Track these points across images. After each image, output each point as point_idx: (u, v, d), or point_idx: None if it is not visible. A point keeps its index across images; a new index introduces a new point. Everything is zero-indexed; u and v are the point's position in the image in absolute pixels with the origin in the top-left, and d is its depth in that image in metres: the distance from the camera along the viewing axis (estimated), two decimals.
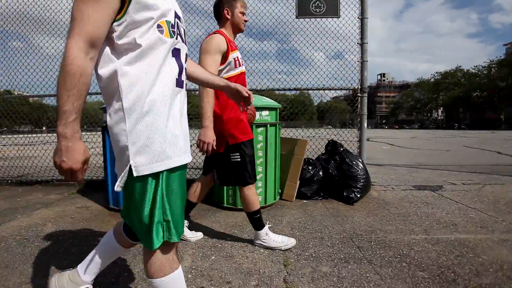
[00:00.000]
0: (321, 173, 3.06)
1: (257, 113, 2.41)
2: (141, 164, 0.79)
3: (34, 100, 4.59)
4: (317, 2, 3.38)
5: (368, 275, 1.52)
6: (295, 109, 4.16)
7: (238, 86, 1.21)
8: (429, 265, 1.61)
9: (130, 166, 0.78)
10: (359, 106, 3.43)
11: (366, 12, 3.37)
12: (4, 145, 4.91)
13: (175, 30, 0.87)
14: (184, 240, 1.97)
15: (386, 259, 1.69)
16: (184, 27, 0.97)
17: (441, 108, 71.93)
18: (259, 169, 2.61)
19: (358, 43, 3.39)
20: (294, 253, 1.78)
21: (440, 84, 62.40)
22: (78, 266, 1.17)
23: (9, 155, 5.68)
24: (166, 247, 0.86)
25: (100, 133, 2.91)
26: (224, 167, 1.83)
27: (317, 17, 3.43)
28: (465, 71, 58.50)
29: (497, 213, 2.49)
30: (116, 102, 0.79)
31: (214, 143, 1.62)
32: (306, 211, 2.61)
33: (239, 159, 1.75)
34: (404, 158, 6.72)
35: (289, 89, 3.57)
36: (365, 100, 3.42)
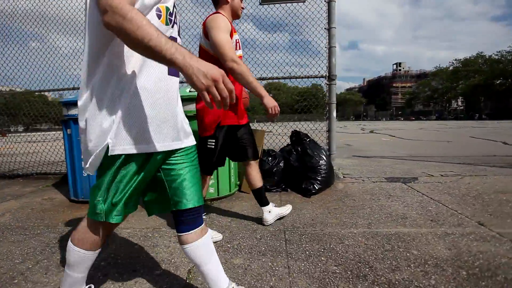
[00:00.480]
0: (281, 164, 2.98)
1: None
2: (118, 144, 0.82)
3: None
4: None
5: (277, 268, 1.46)
6: (309, 101, 3.95)
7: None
8: (349, 260, 1.52)
9: (108, 144, 0.82)
10: (327, 94, 3.29)
11: None
12: None
13: (172, 19, 0.87)
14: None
15: (307, 253, 1.62)
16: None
17: (461, 98, 68.68)
18: None
19: (325, 28, 3.24)
20: (215, 245, 1.74)
21: (459, 72, 59.32)
22: None
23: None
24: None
25: None
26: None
27: (281, 3, 3.29)
28: (487, 57, 55.17)
29: (459, 206, 2.33)
30: (102, 80, 0.81)
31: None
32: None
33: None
34: (398, 150, 6.47)
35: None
36: (334, 88, 3.28)
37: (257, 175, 1.95)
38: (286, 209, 2.16)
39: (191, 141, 1.01)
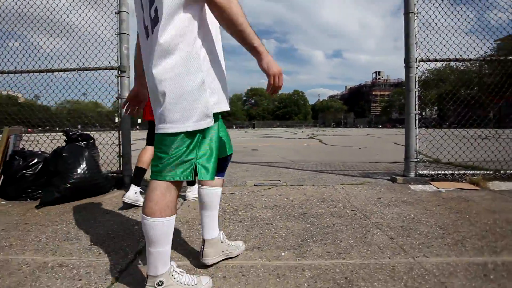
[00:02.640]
0: (36, 169, 2.50)
1: None
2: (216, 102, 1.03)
3: None
4: None
5: None
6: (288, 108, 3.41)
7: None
8: None
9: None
10: (119, 89, 2.85)
11: None
12: None
13: None
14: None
15: None
16: None
17: (432, 106, 70.99)
18: None
19: (115, 12, 2.82)
20: None
21: (429, 81, 61.50)
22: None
23: None
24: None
25: None
26: None
27: None
28: (454, 67, 57.51)
29: (189, 219, 1.92)
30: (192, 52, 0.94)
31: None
32: None
33: None
34: (293, 156, 6.13)
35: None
36: (126, 81, 2.85)
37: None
38: None
39: None
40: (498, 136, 3.40)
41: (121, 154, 2.90)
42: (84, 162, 2.47)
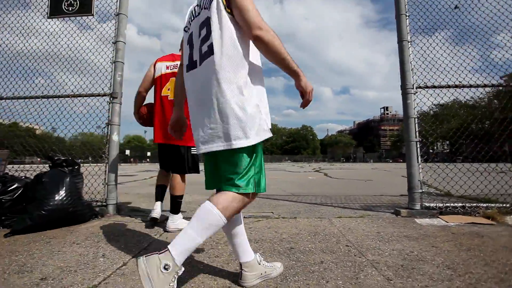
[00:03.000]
0: (15, 194, 2.39)
1: None
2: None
3: None
4: (70, 0, 2.99)
5: None
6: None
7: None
8: None
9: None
10: (109, 115, 2.84)
11: (124, 8, 2.95)
12: None
13: None
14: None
15: None
16: None
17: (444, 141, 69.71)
18: None
19: (112, 42, 2.92)
20: None
21: (438, 116, 61.21)
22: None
23: None
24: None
25: None
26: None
27: (70, 16, 3.02)
28: (463, 102, 57.42)
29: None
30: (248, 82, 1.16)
31: None
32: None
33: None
34: (294, 188, 5.88)
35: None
36: (117, 107, 2.84)
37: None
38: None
39: None
40: None
41: (106, 182, 2.78)
42: (64, 188, 2.35)
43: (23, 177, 2.61)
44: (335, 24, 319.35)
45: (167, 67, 2.41)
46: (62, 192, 2.33)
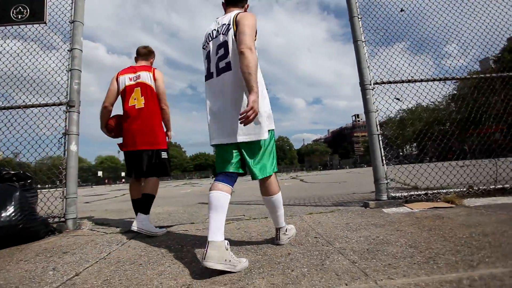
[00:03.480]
0: None
1: None
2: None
3: None
4: (19, 7, 2.84)
5: None
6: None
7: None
8: None
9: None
10: (66, 124, 2.68)
11: (80, 15, 2.85)
12: None
13: None
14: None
15: None
16: None
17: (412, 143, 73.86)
18: None
19: (68, 50, 2.79)
20: None
21: (404, 120, 65.18)
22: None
23: None
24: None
25: None
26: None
27: (20, 24, 2.86)
28: (425, 106, 61.75)
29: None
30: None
31: None
32: None
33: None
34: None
35: None
36: (75, 116, 2.69)
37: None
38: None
39: None
40: (475, 163, 3.31)
41: (65, 196, 2.59)
42: (13, 204, 2.15)
43: None
44: (303, 39, 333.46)
45: (130, 79, 2.41)
46: (11, 208, 2.12)
